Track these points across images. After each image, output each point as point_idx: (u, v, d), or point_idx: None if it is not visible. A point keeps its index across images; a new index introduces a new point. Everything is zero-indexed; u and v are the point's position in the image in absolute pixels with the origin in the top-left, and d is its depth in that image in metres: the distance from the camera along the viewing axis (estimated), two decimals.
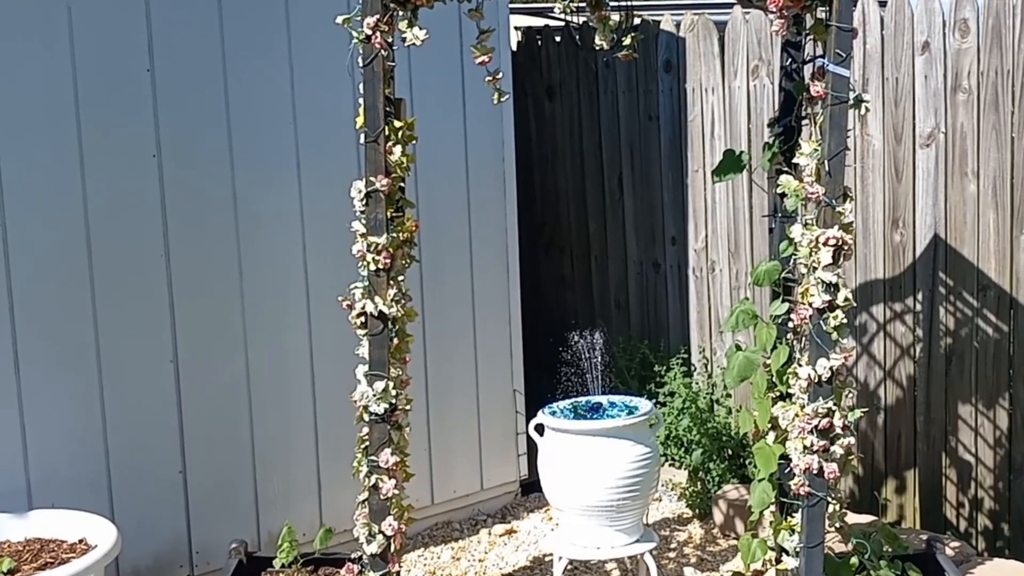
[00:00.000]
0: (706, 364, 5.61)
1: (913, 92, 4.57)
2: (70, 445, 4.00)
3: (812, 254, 3.34)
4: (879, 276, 4.79)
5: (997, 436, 4.53)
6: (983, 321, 4.51)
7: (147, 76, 4.10)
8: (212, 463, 4.34)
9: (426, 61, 4.72)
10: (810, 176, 3.37)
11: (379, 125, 3.40)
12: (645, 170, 5.79)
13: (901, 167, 4.66)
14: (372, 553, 3.50)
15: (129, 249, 4.10)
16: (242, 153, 4.34)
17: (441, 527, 5.10)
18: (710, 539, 4.89)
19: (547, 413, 4.03)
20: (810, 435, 3.35)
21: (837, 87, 3.31)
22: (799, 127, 3.76)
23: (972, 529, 4.65)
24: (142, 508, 4.15)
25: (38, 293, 3.91)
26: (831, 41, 3.33)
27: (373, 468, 3.47)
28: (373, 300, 3.42)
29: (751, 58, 5.17)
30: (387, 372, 3.45)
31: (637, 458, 3.89)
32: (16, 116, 3.84)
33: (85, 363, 4.03)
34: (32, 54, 3.86)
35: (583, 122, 6.08)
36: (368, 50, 3.38)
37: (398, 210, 3.52)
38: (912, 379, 4.76)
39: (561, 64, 6.16)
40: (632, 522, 3.95)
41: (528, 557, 4.77)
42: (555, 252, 6.38)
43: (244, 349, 4.40)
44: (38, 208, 3.90)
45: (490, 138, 5.11)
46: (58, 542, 3.64)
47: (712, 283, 5.53)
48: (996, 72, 4.33)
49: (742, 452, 5.26)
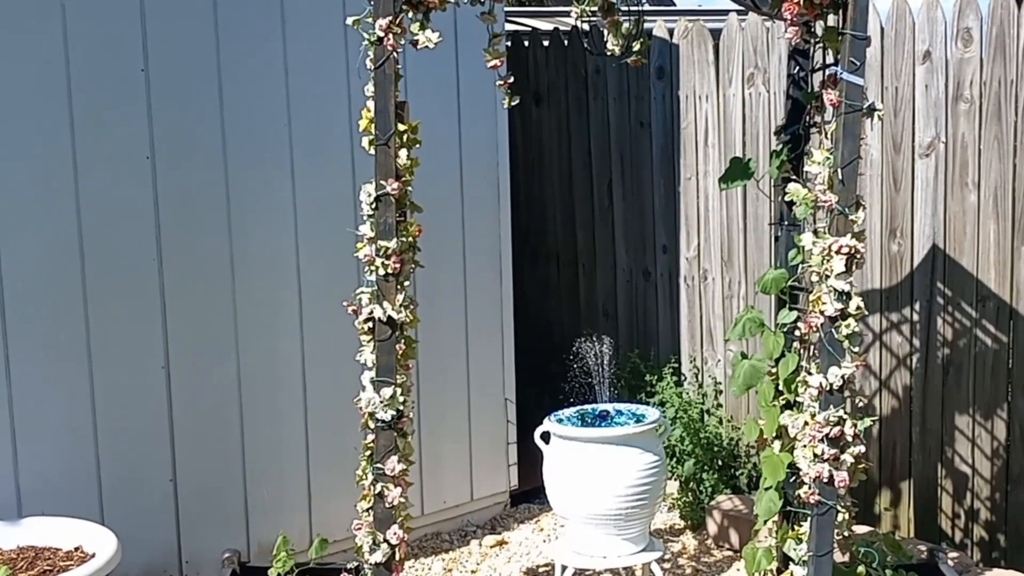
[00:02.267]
0: (697, 374, 5.58)
1: (913, 101, 4.56)
2: (60, 453, 3.92)
3: (824, 262, 3.31)
4: (876, 286, 4.77)
5: (995, 447, 4.52)
6: (982, 332, 4.50)
7: (141, 76, 4.03)
8: (202, 471, 4.27)
9: (421, 65, 4.65)
10: (822, 184, 3.35)
11: (390, 128, 3.34)
12: (636, 177, 5.76)
13: (899, 177, 4.65)
14: (376, 562, 3.42)
15: (122, 253, 4.04)
16: (236, 155, 4.27)
17: (431, 538, 5.03)
18: (704, 550, 4.85)
19: (554, 421, 3.98)
20: (820, 443, 3.32)
21: (851, 96, 3.28)
22: (807, 135, 3.73)
23: (967, 540, 4.64)
24: (132, 517, 4.06)
25: (29, 298, 3.83)
26: (845, 49, 3.30)
27: (379, 476, 3.40)
28: (382, 305, 3.36)
29: (747, 66, 5.14)
30: (395, 378, 3.39)
31: (646, 466, 3.85)
32: (9, 115, 3.76)
33: (76, 369, 3.95)
34: (25, 53, 3.79)
35: (572, 128, 6.03)
36: (379, 52, 3.32)
37: (403, 214, 3.46)
38: (908, 389, 4.75)
39: (549, 69, 6.11)
40: (639, 531, 3.91)
41: (521, 568, 4.71)
42: (541, 260, 6.32)
43: (236, 355, 4.33)
44: (30, 212, 3.83)
45: (484, 143, 5.06)
46: (53, 550, 3.55)
47: (704, 292, 5.50)
48: (999, 82, 4.33)
49: (734, 463, 5.24)
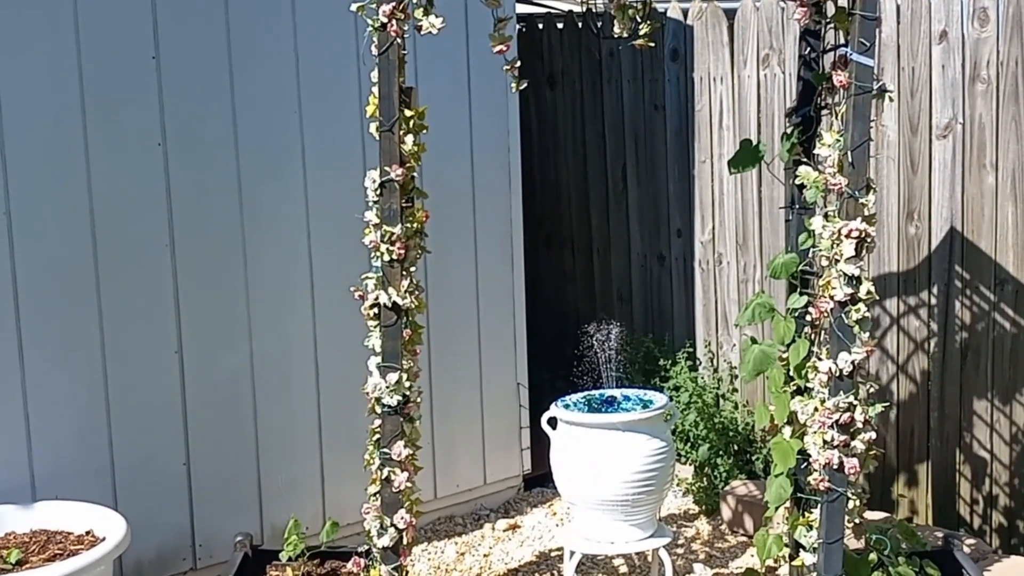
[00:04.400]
0: (712, 358, 5.54)
1: (930, 82, 4.50)
2: (74, 437, 3.94)
3: (834, 246, 3.28)
4: (893, 269, 4.72)
5: (1014, 432, 4.47)
6: (1000, 315, 4.45)
7: (152, 64, 4.03)
8: (216, 456, 4.28)
9: (430, 50, 4.63)
10: (832, 167, 3.31)
11: (394, 114, 3.33)
12: (650, 161, 5.72)
13: (917, 159, 4.59)
14: (384, 546, 3.44)
15: (134, 239, 4.04)
16: (247, 141, 4.27)
17: (444, 521, 5.03)
18: (718, 535, 4.83)
19: (560, 406, 3.97)
20: (830, 430, 3.29)
21: (861, 77, 3.24)
22: (818, 117, 3.68)
23: (986, 526, 4.60)
24: (145, 501, 4.08)
25: (43, 283, 3.85)
26: (855, 30, 3.26)
27: (385, 461, 3.41)
28: (387, 291, 3.36)
29: (762, 47, 5.09)
30: (400, 364, 3.38)
31: (653, 452, 3.83)
32: (21, 103, 3.76)
33: (89, 355, 3.96)
34: (37, 40, 3.79)
35: (586, 112, 6.00)
36: (383, 38, 3.31)
37: (409, 200, 3.46)
38: (926, 374, 4.70)
39: (563, 52, 6.07)
40: (647, 517, 3.89)
41: (534, 552, 4.71)
42: (555, 245, 6.30)
43: (248, 340, 4.34)
44: (43, 198, 3.84)
45: (496, 128, 5.03)
46: (65, 534, 3.58)
47: (719, 276, 5.46)
48: (1016, 62, 4.27)
49: (749, 448, 5.20)
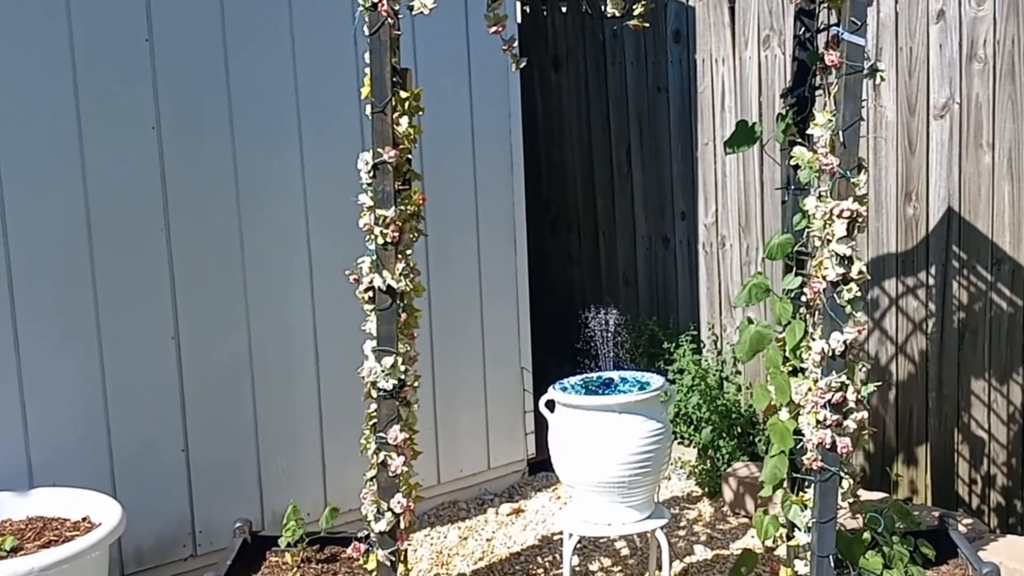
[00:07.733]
0: (716, 341, 5.54)
1: (927, 62, 4.49)
2: (71, 424, 3.96)
3: (826, 226, 3.27)
4: (891, 250, 4.71)
5: (1011, 412, 4.47)
6: (997, 295, 4.44)
7: (146, 46, 4.02)
8: (215, 442, 4.30)
9: (430, 31, 4.64)
10: (824, 147, 3.30)
11: (386, 95, 3.32)
12: (654, 144, 5.71)
13: (915, 139, 4.58)
14: (380, 531, 3.44)
15: (129, 224, 4.05)
16: (243, 124, 4.27)
17: (447, 506, 5.05)
18: (720, 517, 4.83)
19: (558, 389, 3.97)
20: (823, 409, 3.29)
21: (852, 56, 3.23)
22: (813, 97, 3.67)
23: (984, 506, 4.60)
24: (144, 487, 4.10)
25: (37, 269, 3.86)
26: (846, 9, 3.25)
27: (381, 445, 3.41)
28: (381, 274, 3.35)
29: (762, 28, 5.08)
30: (395, 347, 3.39)
31: (649, 434, 3.83)
32: (12, 88, 3.77)
33: (86, 341, 3.97)
34: (29, 23, 3.78)
35: (590, 94, 5.99)
36: (374, 18, 3.30)
37: (405, 182, 3.45)
38: (924, 354, 4.70)
39: (567, 34, 6.07)
40: (644, 498, 3.89)
41: (536, 536, 4.72)
42: (562, 229, 6.30)
43: (246, 325, 4.35)
44: (37, 184, 3.84)
45: (497, 110, 5.03)
46: (61, 520, 3.60)
47: (722, 258, 5.46)
48: (1013, 41, 4.25)
49: (752, 429, 5.21)
